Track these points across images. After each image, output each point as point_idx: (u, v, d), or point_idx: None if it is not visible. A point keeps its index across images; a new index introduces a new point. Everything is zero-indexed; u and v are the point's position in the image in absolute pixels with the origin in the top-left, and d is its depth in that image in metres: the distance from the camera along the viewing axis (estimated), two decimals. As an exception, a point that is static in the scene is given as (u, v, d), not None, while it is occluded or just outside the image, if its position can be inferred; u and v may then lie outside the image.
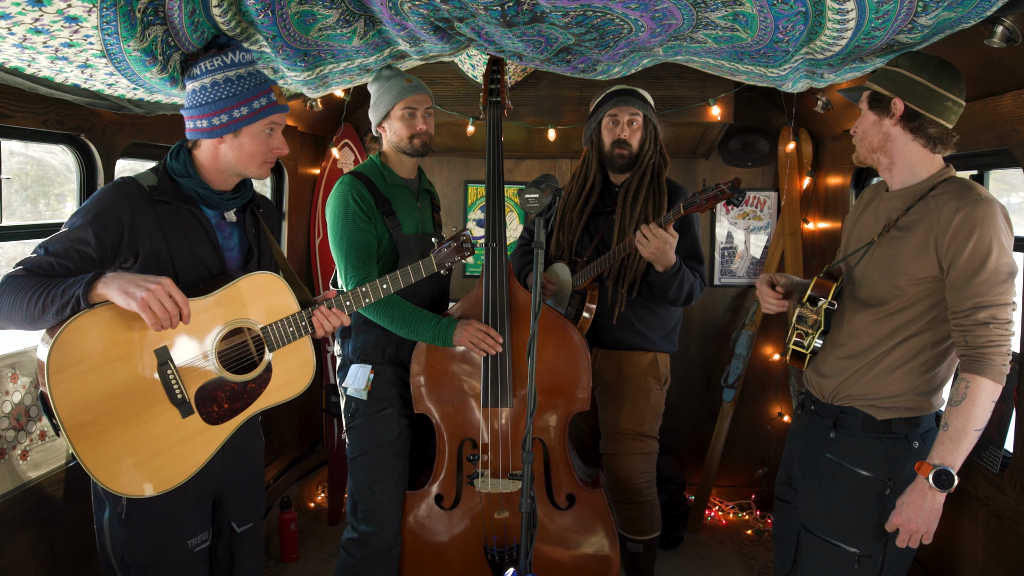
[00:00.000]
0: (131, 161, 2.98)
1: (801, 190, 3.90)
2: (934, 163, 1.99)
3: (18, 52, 1.73)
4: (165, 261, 1.91)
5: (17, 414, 2.30)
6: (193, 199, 1.98)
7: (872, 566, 2.00)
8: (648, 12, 1.99)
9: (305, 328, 2.04)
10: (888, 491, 1.97)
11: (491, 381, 2.58)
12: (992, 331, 1.81)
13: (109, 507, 1.94)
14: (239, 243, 2.09)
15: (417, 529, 2.68)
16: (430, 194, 2.82)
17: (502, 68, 2.76)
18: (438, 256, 2.30)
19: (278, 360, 2.02)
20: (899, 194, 2.03)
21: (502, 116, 2.75)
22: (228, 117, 1.91)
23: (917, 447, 1.98)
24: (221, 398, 1.94)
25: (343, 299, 2.13)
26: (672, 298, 2.82)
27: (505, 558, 2.65)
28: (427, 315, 2.55)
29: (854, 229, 2.19)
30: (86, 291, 1.69)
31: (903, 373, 1.98)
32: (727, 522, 4.00)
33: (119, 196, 1.88)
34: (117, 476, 1.80)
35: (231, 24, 1.93)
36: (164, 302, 1.70)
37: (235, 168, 1.98)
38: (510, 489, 2.59)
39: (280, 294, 2.02)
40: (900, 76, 1.92)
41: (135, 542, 1.93)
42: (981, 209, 1.83)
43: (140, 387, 1.82)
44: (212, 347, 1.92)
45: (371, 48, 2.39)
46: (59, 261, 1.78)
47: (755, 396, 4.07)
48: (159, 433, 1.85)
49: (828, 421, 2.10)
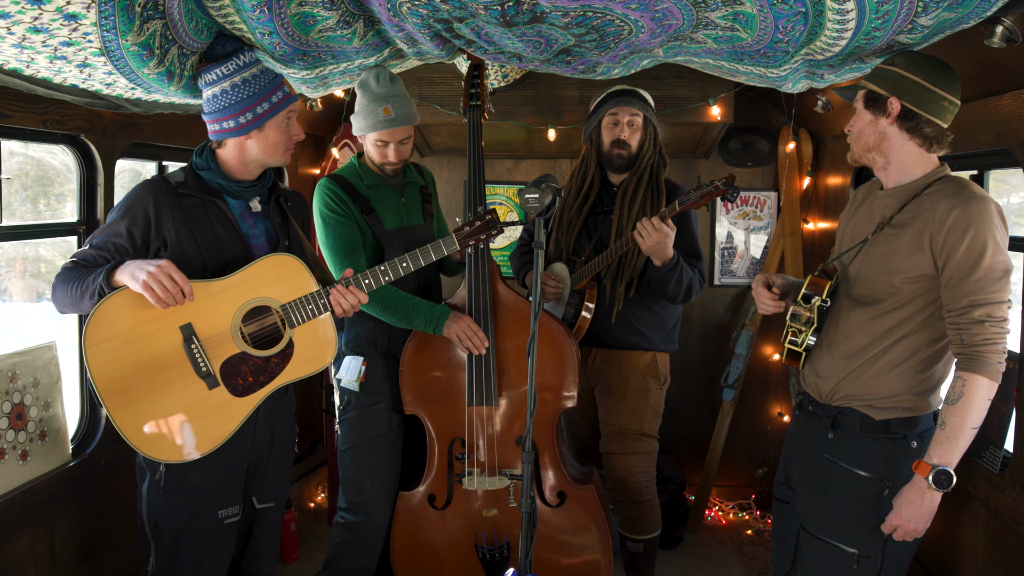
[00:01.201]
0: (131, 161, 2.98)
1: (801, 190, 3.90)
2: (929, 162, 1.99)
3: (17, 52, 1.74)
4: (190, 248, 2.07)
5: (17, 414, 2.30)
6: (217, 191, 2.14)
7: (871, 566, 1.99)
8: (648, 12, 1.99)
9: (324, 306, 2.13)
10: (887, 491, 1.96)
11: (475, 379, 2.61)
12: (988, 329, 1.80)
13: (148, 475, 2.10)
14: (265, 231, 2.23)
15: (411, 529, 2.69)
16: (418, 186, 2.81)
17: (482, 72, 2.78)
18: (460, 235, 2.30)
19: (300, 337, 2.13)
20: (893, 192, 2.03)
21: (482, 120, 2.78)
22: (252, 114, 2.07)
23: (916, 447, 1.97)
24: (245, 372, 2.08)
25: (361, 277, 2.19)
26: (671, 294, 2.82)
27: (496, 556, 2.66)
28: (421, 301, 2.58)
29: (848, 227, 2.19)
30: (107, 278, 1.94)
31: (900, 373, 1.98)
32: (727, 522, 4.00)
33: (145, 192, 2.07)
34: (150, 442, 2.00)
35: (222, 12, 1.94)
36: (164, 282, 1.89)
37: (261, 159, 2.15)
38: (496, 486, 2.60)
39: (298, 274, 2.12)
40: (896, 75, 1.92)
41: (168, 508, 2.09)
42: (976, 207, 1.83)
43: (168, 360, 2.01)
44: (235, 324, 2.07)
45: (370, 48, 2.39)
46: (99, 253, 2.03)
47: (755, 396, 4.07)
48: (188, 403, 2.03)
49: (826, 422, 2.09)
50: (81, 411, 2.61)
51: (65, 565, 2.41)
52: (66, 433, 2.49)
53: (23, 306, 7.35)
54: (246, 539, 2.31)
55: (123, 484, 2.61)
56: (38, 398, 2.38)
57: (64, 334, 2.64)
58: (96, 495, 2.56)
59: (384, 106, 2.54)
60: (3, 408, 2.25)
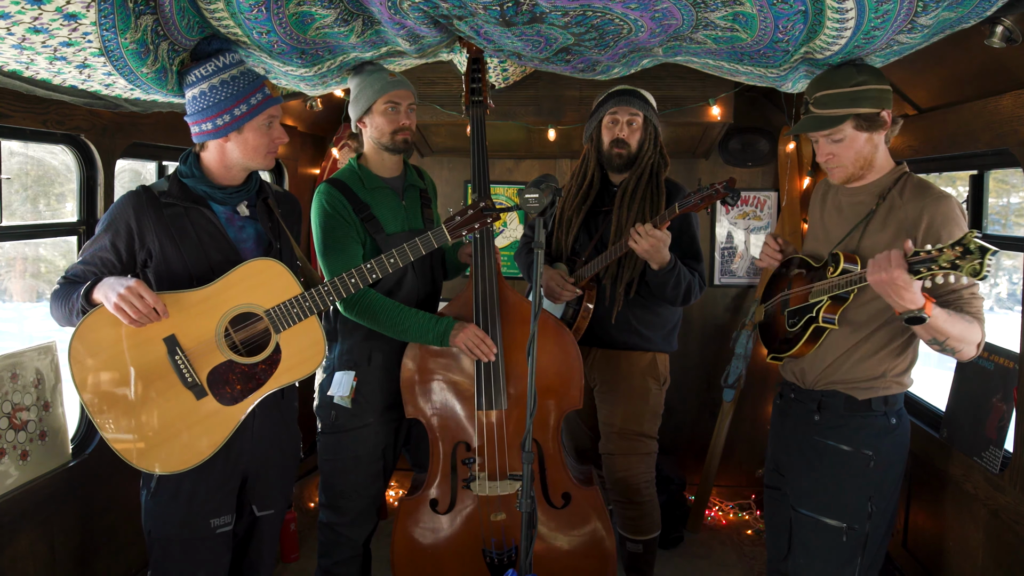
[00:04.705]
0: (131, 161, 2.98)
1: (801, 190, 3.90)
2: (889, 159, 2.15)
3: (16, 54, 1.74)
4: (175, 258, 2.07)
5: (17, 414, 2.30)
6: (201, 198, 2.12)
7: (858, 539, 2.13)
8: (648, 12, 1.99)
9: (309, 308, 2.10)
10: (871, 463, 2.12)
11: (484, 383, 2.55)
12: (975, 302, 1.99)
13: (144, 484, 2.11)
14: (255, 235, 2.20)
15: (413, 535, 2.65)
16: (419, 189, 2.74)
17: (482, 66, 2.71)
18: (450, 224, 2.23)
19: (287, 341, 2.11)
20: (862, 190, 2.17)
21: (485, 115, 2.71)
22: (230, 116, 2.04)
23: (894, 423, 2.15)
24: (233, 380, 2.07)
25: (347, 277, 2.16)
26: (670, 296, 2.82)
27: (504, 560, 2.64)
28: (423, 314, 2.50)
29: (820, 224, 2.31)
30: (86, 296, 1.97)
31: (880, 358, 2.13)
32: (727, 522, 4.00)
33: (126, 204, 2.07)
34: (142, 455, 2.01)
35: (216, 15, 1.94)
36: (135, 302, 1.90)
37: (242, 163, 2.12)
38: (508, 491, 2.57)
39: (281, 277, 2.10)
40: (874, 91, 2.04)
41: (160, 518, 2.09)
42: (945, 205, 2.01)
43: (154, 373, 2.02)
44: (219, 332, 2.05)
45: (367, 45, 2.39)
46: (87, 268, 2.06)
47: (755, 396, 4.07)
48: (177, 414, 2.04)
49: (811, 405, 2.22)
50: (81, 411, 2.61)
51: (65, 565, 2.41)
52: (66, 433, 2.49)
53: (23, 306, 7.36)
54: (245, 545, 2.30)
55: (123, 484, 2.60)
56: (38, 398, 2.38)
57: (64, 334, 2.63)
58: (96, 495, 2.56)
59: (388, 72, 2.53)
60: (3, 408, 2.25)
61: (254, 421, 2.15)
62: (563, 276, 2.91)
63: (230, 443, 2.07)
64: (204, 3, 1.89)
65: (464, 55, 2.80)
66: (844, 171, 2.12)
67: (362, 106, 2.55)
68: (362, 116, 2.58)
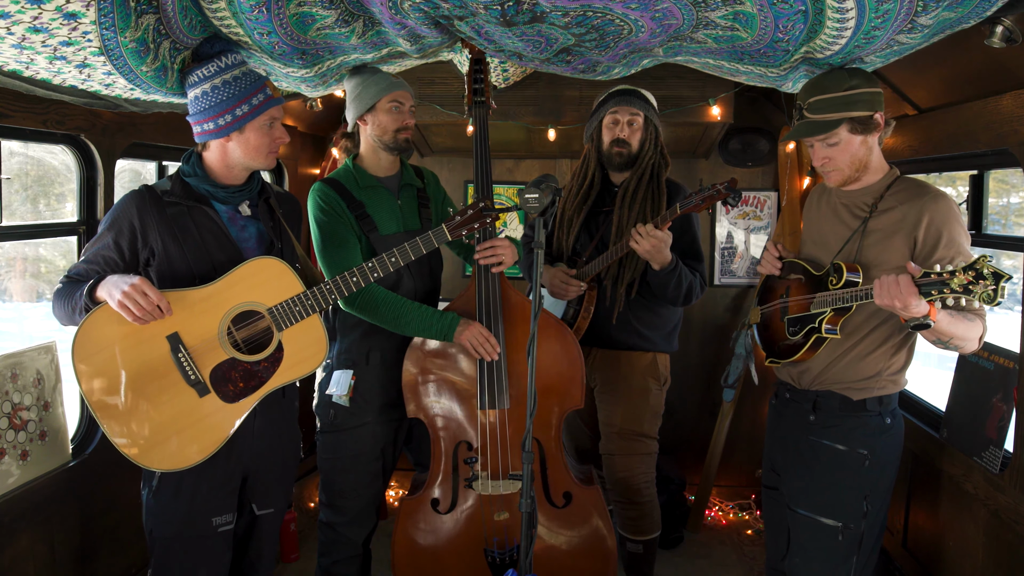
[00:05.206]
0: (131, 161, 2.98)
1: (801, 190, 3.90)
2: (883, 159, 2.17)
3: (16, 53, 1.74)
4: (177, 256, 2.08)
5: (18, 414, 2.30)
6: (204, 197, 2.13)
7: (854, 537, 2.14)
8: (648, 12, 1.99)
9: (311, 307, 2.11)
10: (867, 463, 2.13)
11: (487, 383, 2.55)
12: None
13: (146, 483, 2.12)
14: (257, 234, 2.21)
15: (413, 535, 2.65)
16: (416, 188, 2.72)
17: (485, 67, 2.71)
18: (451, 224, 2.25)
19: (289, 339, 2.11)
20: (858, 193, 2.18)
21: (488, 115, 2.71)
22: (232, 116, 2.06)
23: (889, 423, 2.16)
24: (235, 377, 2.07)
25: (349, 275, 2.18)
26: (671, 296, 2.82)
27: (506, 559, 2.63)
28: (427, 308, 2.49)
29: (815, 228, 2.32)
30: (89, 294, 1.98)
31: (875, 358, 2.15)
32: (727, 522, 4.00)
33: (129, 203, 2.08)
34: (144, 452, 2.02)
35: (217, 15, 1.94)
36: (139, 300, 1.91)
37: (244, 162, 2.13)
38: (511, 490, 2.57)
39: (283, 276, 2.11)
40: (867, 94, 2.05)
41: (161, 516, 2.10)
42: (944, 203, 2.03)
43: (157, 371, 2.03)
44: (222, 330, 2.06)
45: (368, 46, 2.39)
46: (90, 267, 2.06)
47: (755, 396, 4.07)
48: (179, 412, 2.04)
49: (806, 405, 2.24)
50: (81, 411, 2.61)
51: (65, 565, 2.41)
52: (66, 433, 2.49)
53: (23, 306, 7.35)
54: (245, 544, 2.30)
55: (123, 484, 2.60)
56: (38, 398, 2.38)
57: (64, 334, 2.63)
58: (96, 495, 2.56)
59: (389, 72, 2.53)
60: (3, 408, 2.25)
61: (255, 420, 2.15)
62: (565, 272, 2.91)
63: (232, 441, 2.08)
64: (206, 2, 1.90)
65: (465, 55, 2.80)
66: (840, 174, 2.14)
67: (365, 103, 2.54)
68: (364, 114, 2.57)
